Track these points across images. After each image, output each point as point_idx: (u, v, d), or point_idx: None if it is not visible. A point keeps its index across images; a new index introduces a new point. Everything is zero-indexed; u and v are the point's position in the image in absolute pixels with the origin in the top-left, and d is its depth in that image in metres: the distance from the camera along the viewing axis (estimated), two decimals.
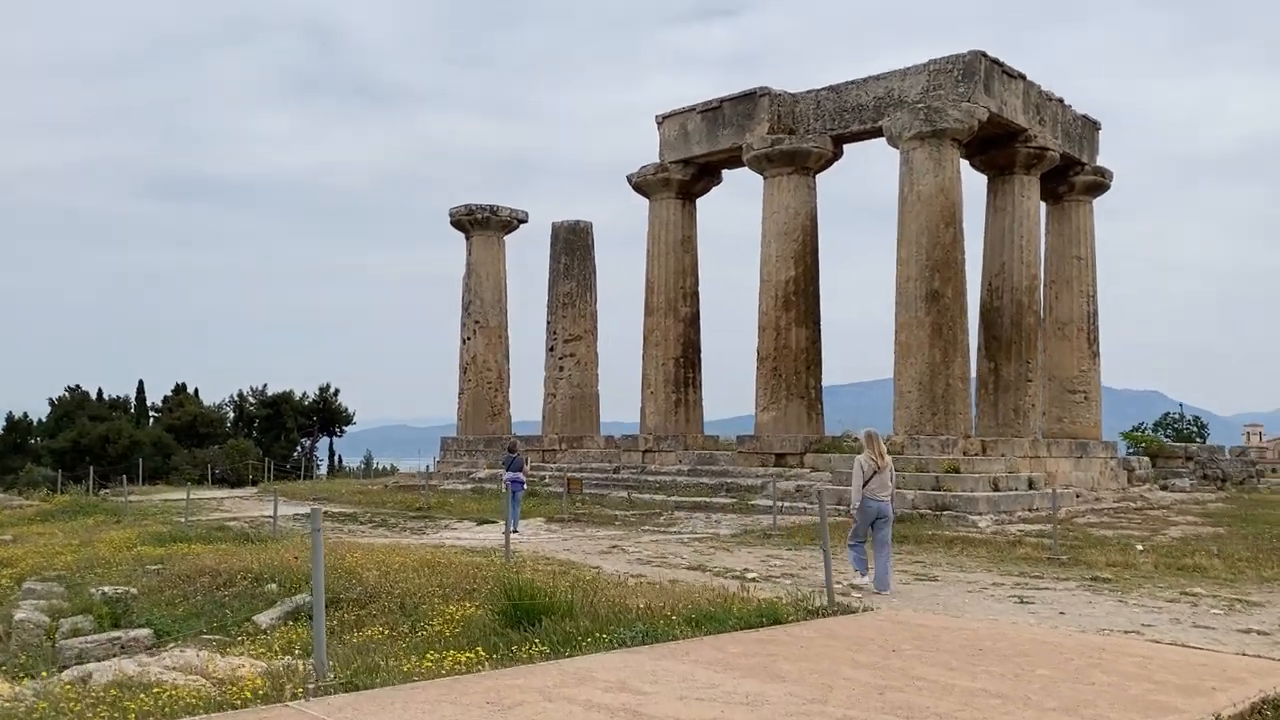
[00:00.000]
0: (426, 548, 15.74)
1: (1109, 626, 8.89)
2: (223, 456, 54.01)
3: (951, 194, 23.69)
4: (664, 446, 27.51)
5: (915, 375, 23.33)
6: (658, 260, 28.43)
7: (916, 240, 23.55)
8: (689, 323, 28.35)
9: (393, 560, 12.33)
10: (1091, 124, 28.72)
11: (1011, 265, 25.98)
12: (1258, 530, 19.13)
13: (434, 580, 10.92)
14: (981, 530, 19.19)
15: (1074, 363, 28.61)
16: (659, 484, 25.83)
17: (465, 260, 34.52)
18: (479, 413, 33.60)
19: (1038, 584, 11.92)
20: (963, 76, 23.76)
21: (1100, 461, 27.66)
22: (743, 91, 26.96)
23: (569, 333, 31.27)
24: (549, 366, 31.57)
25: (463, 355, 34.18)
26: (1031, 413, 25.93)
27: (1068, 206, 28.73)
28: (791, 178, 25.85)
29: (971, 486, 21.07)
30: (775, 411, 25.35)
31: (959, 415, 23.24)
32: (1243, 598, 11.08)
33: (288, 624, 10.62)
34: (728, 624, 7.61)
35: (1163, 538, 18.08)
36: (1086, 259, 28.83)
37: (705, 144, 27.55)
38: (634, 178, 28.90)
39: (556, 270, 31.68)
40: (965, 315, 23.94)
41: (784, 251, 25.64)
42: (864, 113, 25.36)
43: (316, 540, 6.12)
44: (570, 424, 30.89)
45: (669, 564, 13.68)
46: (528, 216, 35.02)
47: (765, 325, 25.74)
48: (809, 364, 25.55)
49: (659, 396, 28.04)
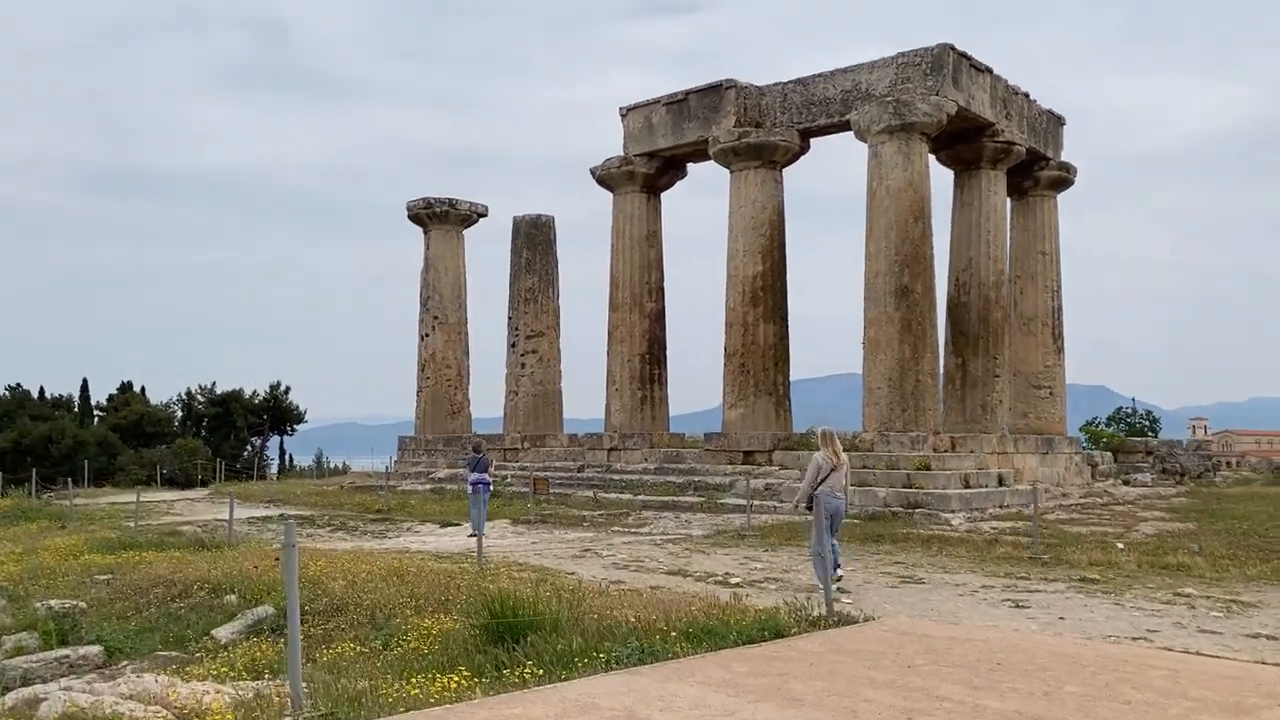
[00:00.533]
0: (391, 554, 15.16)
1: (1114, 633, 8.59)
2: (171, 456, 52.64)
3: (920, 188, 23.48)
4: (629, 445, 27.06)
5: (885, 371, 23.10)
6: (622, 255, 27.95)
7: (885, 235, 23.31)
8: (654, 319, 27.92)
9: (359, 569, 11.75)
10: (1056, 119, 28.71)
11: (979, 261, 25.86)
12: (1227, 526, 19.10)
13: (404, 590, 10.38)
14: (955, 528, 18.98)
15: (1039, 358, 28.61)
16: (625, 483, 25.38)
17: (423, 255, 33.80)
18: (438, 411, 32.91)
19: (1027, 586, 11.63)
20: (931, 70, 23.55)
21: (1065, 457, 27.67)
22: (708, 84, 26.56)
23: (531, 329, 30.69)
24: (510, 363, 30.96)
25: (421, 352, 33.45)
26: (999, 409, 25.85)
27: (1032, 201, 28.70)
28: (758, 171, 25.51)
29: (943, 484, 20.87)
30: (743, 409, 25.00)
31: (929, 412, 23.05)
32: (1235, 598, 10.88)
33: (250, 639, 10.01)
34: (728, 638, 7.17)
35: (1137, 534, 17.97)
36: (1051, 254, 28.83)
37: (670, 137, 27.11)
38: (597, 170, 28.40)
39: (518, 265, 31.07)
40: (935, 311, 23.76)
41: (751, 246, 25.29)
42: (831, 106, 25.08)
43: (290, 558, 5.58)
44: (533, 422, 30.33)
45: (646, 568, 13.23)
46: (487, 210, 34.38)
47: (733, 321, 25.38)
48: (777, 360, 25.24)
49: (624, 394, 27.58)
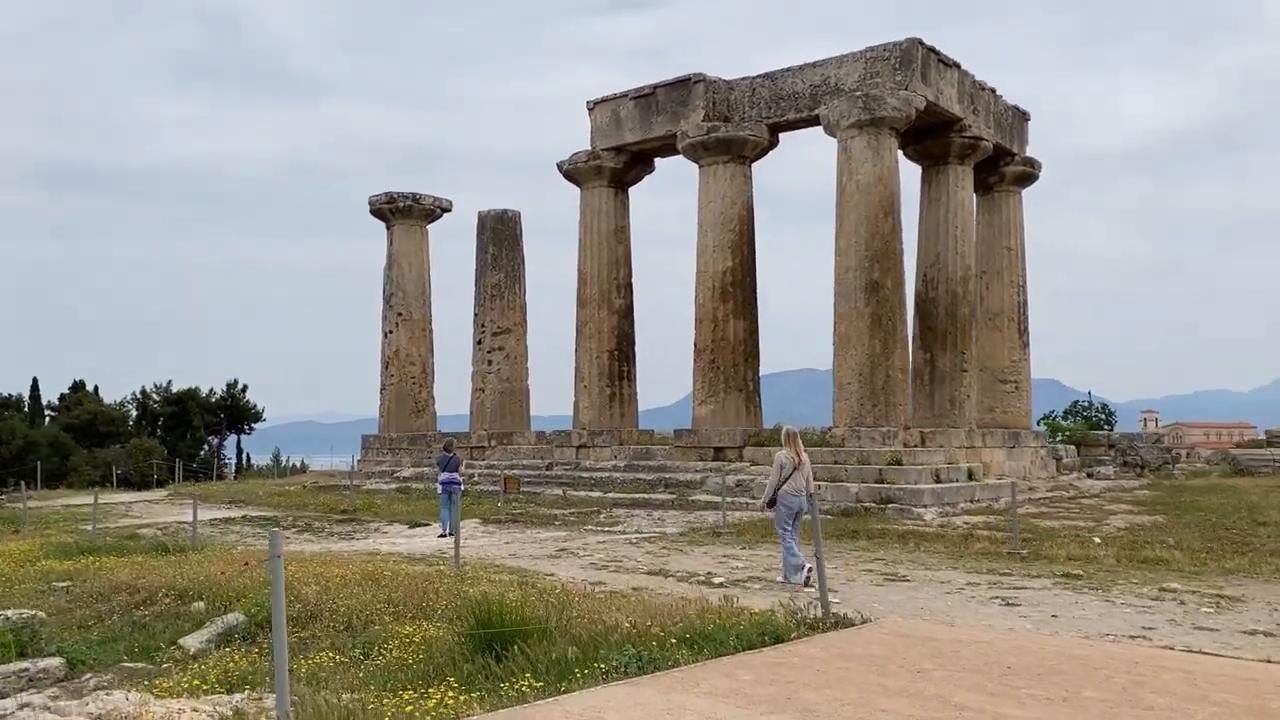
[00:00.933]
0: (362, 556, 14.77)
1: (1111, 631, 8.48)
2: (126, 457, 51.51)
3: (890, 183, 23.42)
4: (598, 442, 26.79)
5: (855, 367, 23.02)
6: (590, 250, 27.65)
7: (856, 230, 23.22)
8: (623, 315, 27.65)
9: (331, 573, 11.38)
10: (1021, 114, 28.81)
11: (946, 256, 25.87)
12: (1196, 519, 19.22)
13: (381, 595, 10.04)
14: (928, 523, 18.93)
15: (1005, 353, 28.71)
16: (595, 480, 25.11)
17: (386, 250, 33.27)
18: (402, 409, 32.42)
19: (1012, 583, 11.54)
20: (900, 64, 23.49)
21: (1031, 451, 27.82)
22: (677, 78, 26.32)
23: (498, 325, 30.29)
24: (477, 360, 30.55)
25: (384, 349, 32.93)
26: (967, 403, 25.89)
27: (998, 197, 28.79)
28: (728, 166, 25.32)
29: (915, 479, 20.82)
30: (713, 405, 24.82)
31: (899, 407, 23.01)
32: (1219, 592, 10.85)
33: (221, 649, 9.64)
34: (727, 644, 6.94)
35: (1109, 528, 18.02)
36: (1016, 249, 28.94)
37: (638, 131, 26.85)
38: (564, 165, 28.06)
39: (484, 261, 30.65)
40: (904, 306, 23.73)
41: (721, 241, 25.10)
42: (800, 101, 24.94)
43: (277, 569, 5.25)
44: (500, 420, 29.95)
45: (626, 569, 12.98)
46: (452, 205, 33.91)
47: (703, 317, 25.18)
48: (747, 356, 25.08)
49: (593, 390, 27.29)
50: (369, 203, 33.17)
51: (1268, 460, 36.82)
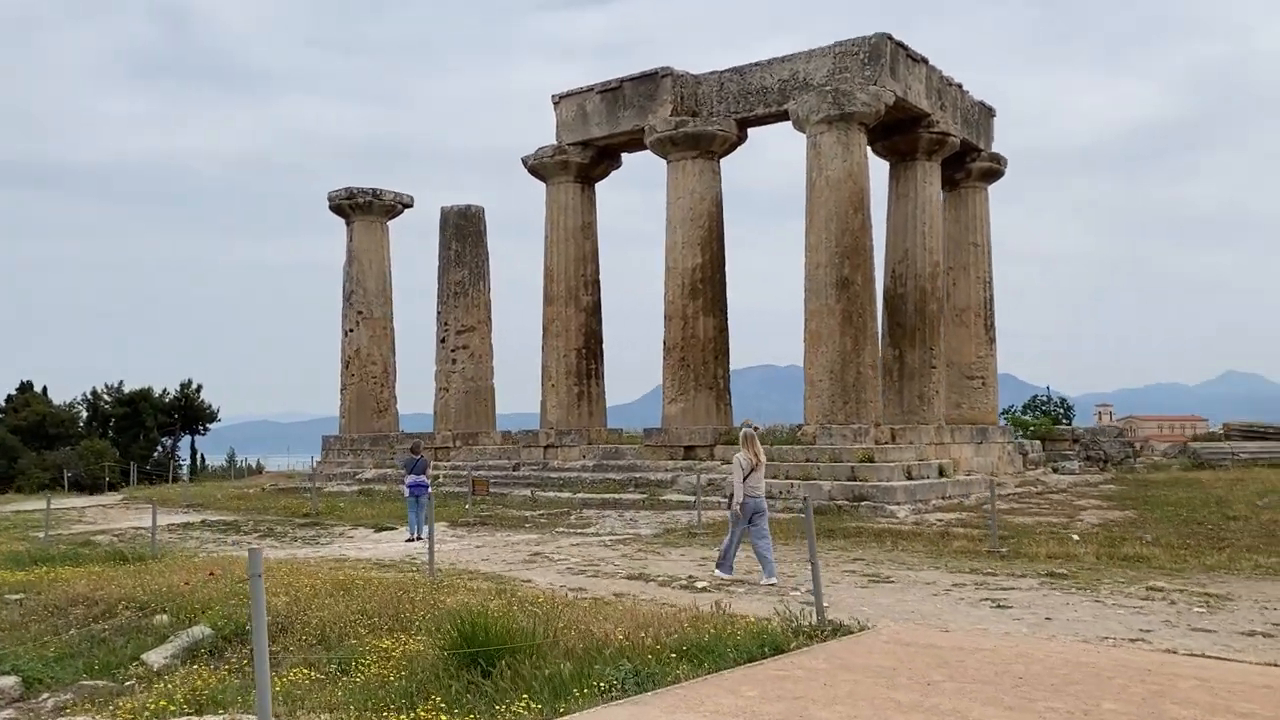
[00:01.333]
0: (329, 563, 14.34)
1: (1109, 634, 8.32)
2: (77, 459, 50.27)
3: (860, 179, 23.30)
4: (566, 441, 26.44)
5: (826, 364, 22.87)
6: (557, 247, 27.27)
7: (826, 226, 23.07)
8: (590, 312, 27.31)
9: (300, 582, 10.96)
10: (987, 110, 28.84)
11: (915, 252, 25.82)
12: (1166, 514, 19.28)
13: (354, 606, 9.65)
14: (902, 520, 18.83)
15: (972, 349, 28.75)
16: (563, 481, 24.77)
17: (346, 247, 32.64)
18: (364, 409, 31.84)
19: (999, 583, 11.38)
20: (868, 59, 23.37)
21: (999, 446, 27.87)
22: (643, 72, 26.02)
23: (462, 323, 29.81)
24: (440, 359, 30.05)
25: (345, 348, 32.31)
26: (936, 399, 25.87)
27: (964, 193, 28.79)
28: (696, 161, 25.07)
29: (887, 476, 20.72)
30: (684, 403, 24.57)
31: (870, 404, 22.90)
32: (1206, 591, 10.77)
33: (187, 664, 9.20)
34: (726, 656, 6.66)
35: (1083, 524, 18.01)
36: (983, 245, 28.98)
37: (605, 126, 26.51)
38: (529, 160, 27.65)
39: (447, 258, 30.15)
40: (875, 302, 23.62)
41: (690, 238, 24.85)
42: (769, 95, 24.74)
43: (257, 591, 4.87)
44: (464, 419, 29.49)
45: (604, 573, 12.67)
46: (413, 201, 33.35)
47: (672, 314, 24.91)
48: (717, 353, 24.86)
49: (560, 389, 26.93)
50: (328, 198, 32.54)
51: (1226, 454, 37.28)
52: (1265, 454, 37.54)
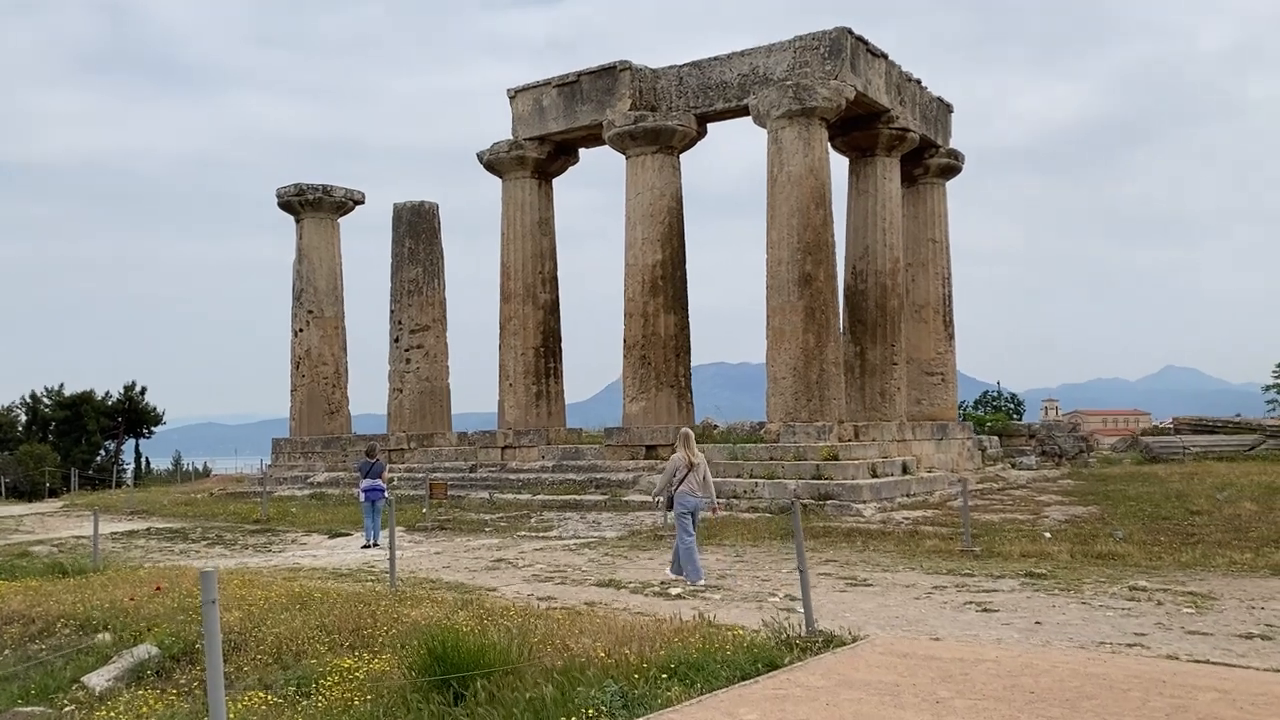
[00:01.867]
0: (283, 572, 13.74)
1: (1102, 639, 8.04)
2: (15, 464, 48.67)
3: (821, 174, 23.03)
4: (525, 442, 25.90)
5: (789, 361, 22.58)
6: (513, 244, 26.71)
7: (788, 222, 22.78)
8: (549, 310, 26.79)
9: (254, 595, 10.39)
10: (945, 106, 28.76)
11: (875, 248, 25.64)
12: (1129, 509, 19.24)
13: (312, 621, 9.12)
14: (869, 519, 18.59)
15: (931, 345, 28.66)
16: (522, 482, 24.24)
17: (295, 245, 31.78)
18: (315, 411, 31.02)
19: (979, 585, 11.11)
20: (829, 54, 23.11)
21: (958, 443, 27.82)
22: (601, 66, 25.55)
23: (416, 322, 29.12)
24: (394, 359, 29.34)
25: (295, 349, 31.46)
26: (898, 396, 25.72)
27: (923, 189, 28.69)
28: (655, 157, 24.65)
29: (853, 474, 20.47)
30: (645, 402, 24.15)
31: (834, 401, 22.65)
32: (1189, 590, 10.59)
33: (131, 687, 8.61)
34: (718, 674, 6.25)
35: (1049, 521, 17.88)
36: (941, 241, 28.90)
37: (563, 120, 25.99)
38: (485, 155, 27.06)
39: (400, 255, 29.44)
40: (837, 298, 23.39)
41: (650, 234, 24.43)
42: (728, 90, 24.41)
43: (210, 620, 4.36)
44: (419, 420, 28.81)
45: (573, 580, 12.22)
46: (364, 197, 32.57)
47: (632, 312, 24.48)
48: (678, 351, 24.48)
49: (518, 389, 26.39)
50: (277, 195, 31.66)
51: (1178, 448, 37.70)
52: (1215, 448, 38.05)
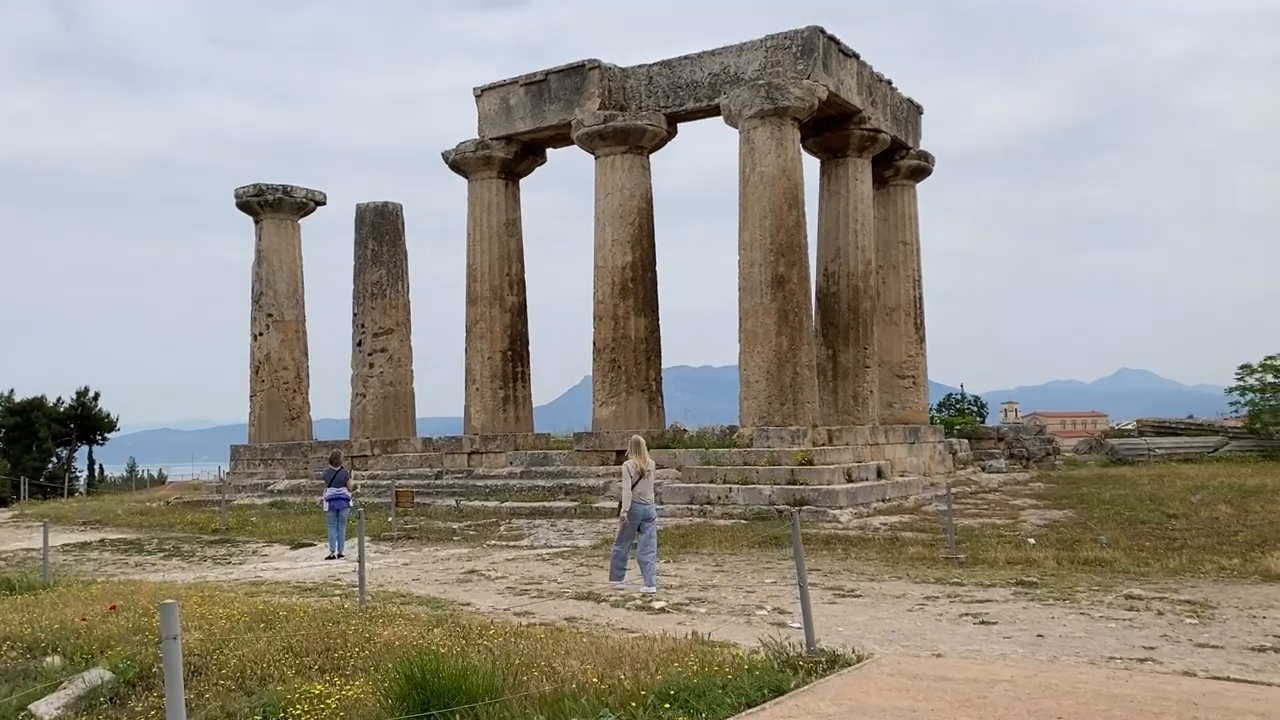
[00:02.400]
0: (245, 586, 13.14)
1: (1112, 653, 7.73)
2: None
3: (794, 175, 22.76)
4: (492, 447, 25.36)
5: (762, 364, 22.26)
6: (480, 245, 26.18)
7: (760, 223, 22.47)
8: (516, 313, 26.28)
9: (213, 613, 9.81)
10: (915, 107, 28.62)
11: (847, 250, 25.42)
12: (1106, 513, 19.11)
13: (277, 642, 8.56)
14: (846, 525, 18.29)
15: (902, 348, 28.50)
16: (490, 489, 23.71)
17: (255, 247, 31.00)
18: (275, 417, 30.25)
19: (970, 595, 10.78)
20: (801, 53, 22.84)
21: (930, 446, 27.66)
22: (569, 64, 25.11)
23: (379, 325, 28.46)
24: (357, 363, 28.67)
25: (254, 353, 30.67)
26: (870, 399, 25.50)
27: (893, 191, 28.54)
28: (625, 157, 24.25)
29: (828, 479, 20.18)
30: (615, 406, 23.72)
31: (807, 405, 22.35)
32: (1184, 598, 10.34)
33: (82, 716, 8.02)
34: (722, 701, 5.83)
35: (1029, 525, 17.67)
36: (912, 244, 28.76)
37: (530, 120, 25.52)
38: (450, 155, 26.51)
39: (363, 257, 28.77)
40: (810, 300, 23.12)
41: (620, 236, 24.01)
42: (699, 90, 24.07)
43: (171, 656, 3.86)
44: (383, 426, 28.15)
45: (549, 592, 11.75)
46: (326, 198, 31.86)
47: (602, 314, 24.04)
48: (649, 355, 24.07)
49: (485, 393, 25.84)
50: (235, 195, 30.87)
51: (1144, 450, 37.89)
52: (1180, 449, 38.30)
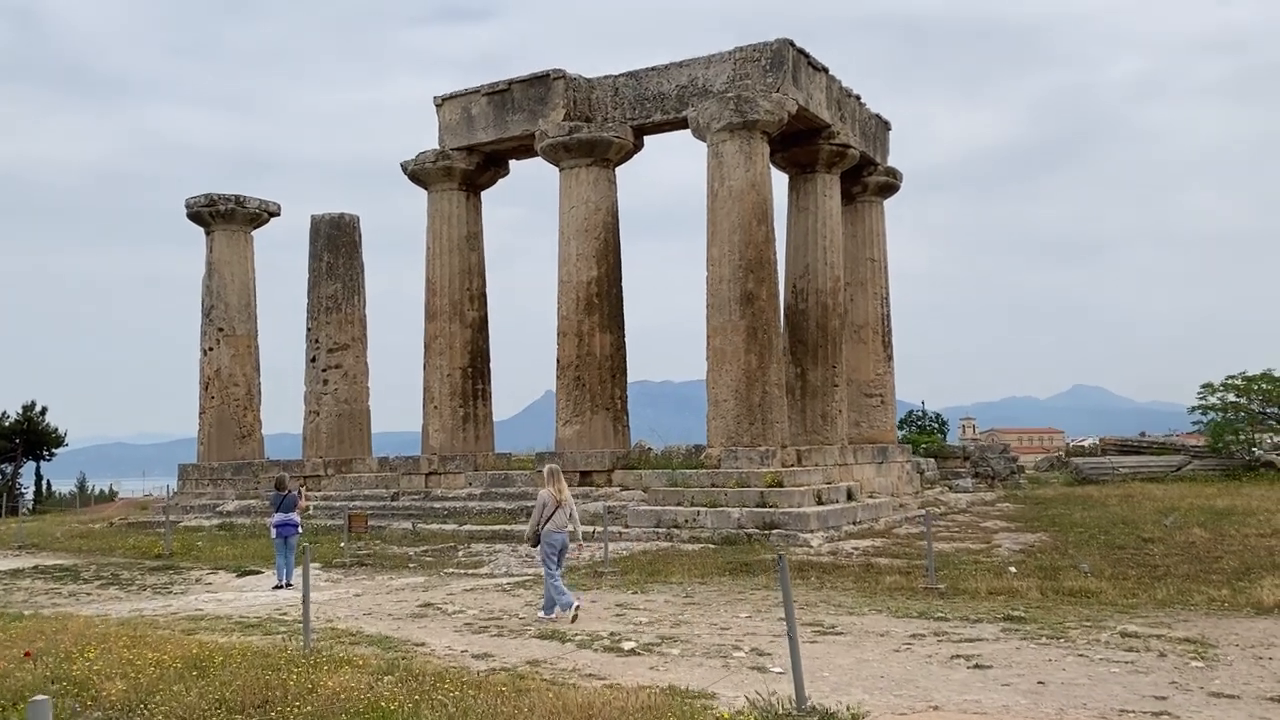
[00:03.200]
0: (182, 621, 12.26)
1: (1123, 705, 7.15)
2: None
3: (763, 189, 22.25)
4: (451, 468, 24.52)
5: (731, 383, 21.67)
6: (439, 259, 25.39)
7: (729, 239, 21.91)
8: (477, 328, 25.49)
9: (142, 658, 8.97)
10: (883, 123, 28.28)
11: (816, 267, 24.94)
12: (1080, 537, 18.73)
13: (210, 694, 7.76)
14: (818, 550, 17.71)
15: (870, 366, 28.04)
16: (448, 511, 22.89)
17: (206, 259, 29.97)
18: (225, 435, 29.18)
19: (957, 632, 10.18)
20: (771, 66, 22.37)
21: (898, 466, 27.20)
22: (533, 74, 24.46)
23: (334, 341, 27.53)
24: (310, 380, 27.70)
25: (204, 368, 29.60)
26: (839, 419, 24.98)
27: (861, 207, 28.13)
28: (591, 169, 23.62)
29: (798, 502, 19.60)
30: (579, 425, 22.99)
31: (777, 425, 21.78)
32: (1182, 636, 9.81)
33: None
34: None
35: (1004, 551, 17.20)
36: (880, 261, 28.35)
37: (493, 130, 24.82)
38: (410, 165, 25.72)
39: (318, 270, 27.85)
40: (780, 318, 22.59)
41: (585, 250, 23.35)
42: (666, 102, 23.52)
43: None
44: (337, 445, 27.19)
45: (511, 629, 10.99)
46: (280, 209, 30.90)
47: (566, 330, 23.34)
48: (614, 372, 23.39)
49: (444, 411, 25.00)
50: (186, 206, 29.83)
51: (1107, 469, 37.77)
52: (1144, 468, 38.24)
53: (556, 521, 11.84)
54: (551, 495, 11.92)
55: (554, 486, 11.99)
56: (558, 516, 11.86)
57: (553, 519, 11.84)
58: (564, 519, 11.91)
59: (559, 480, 12.11)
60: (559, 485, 12.05)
